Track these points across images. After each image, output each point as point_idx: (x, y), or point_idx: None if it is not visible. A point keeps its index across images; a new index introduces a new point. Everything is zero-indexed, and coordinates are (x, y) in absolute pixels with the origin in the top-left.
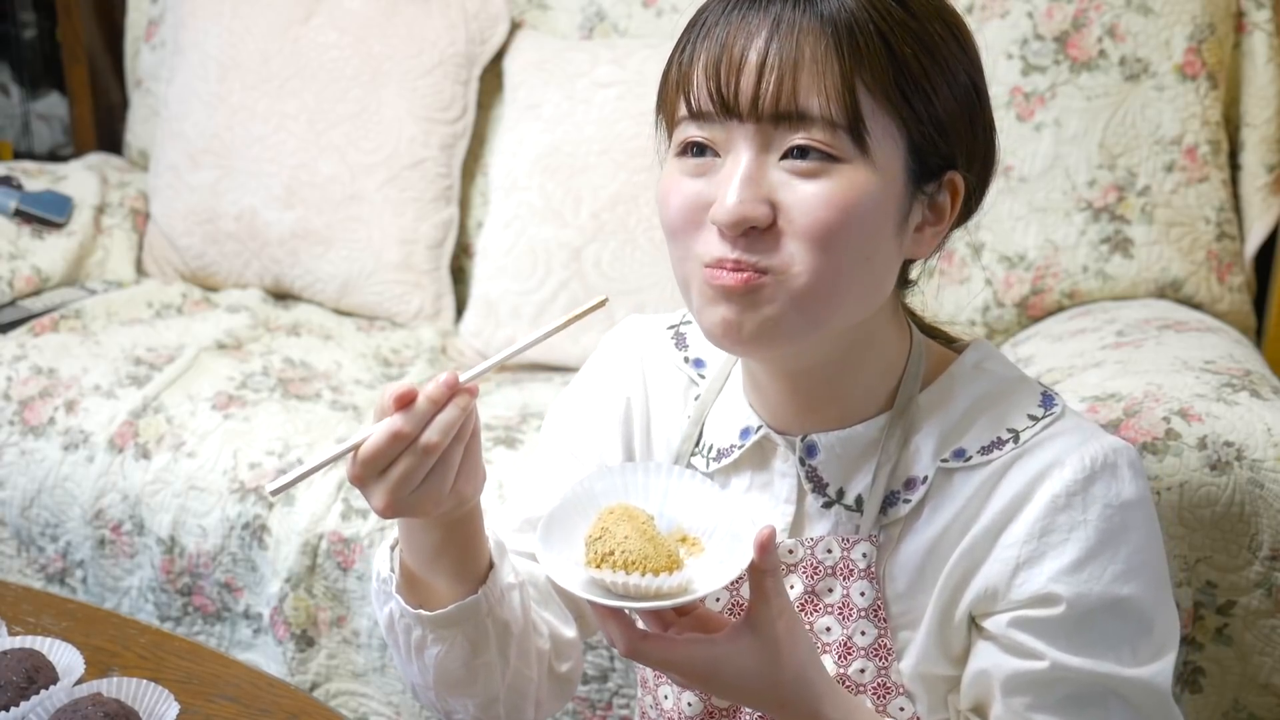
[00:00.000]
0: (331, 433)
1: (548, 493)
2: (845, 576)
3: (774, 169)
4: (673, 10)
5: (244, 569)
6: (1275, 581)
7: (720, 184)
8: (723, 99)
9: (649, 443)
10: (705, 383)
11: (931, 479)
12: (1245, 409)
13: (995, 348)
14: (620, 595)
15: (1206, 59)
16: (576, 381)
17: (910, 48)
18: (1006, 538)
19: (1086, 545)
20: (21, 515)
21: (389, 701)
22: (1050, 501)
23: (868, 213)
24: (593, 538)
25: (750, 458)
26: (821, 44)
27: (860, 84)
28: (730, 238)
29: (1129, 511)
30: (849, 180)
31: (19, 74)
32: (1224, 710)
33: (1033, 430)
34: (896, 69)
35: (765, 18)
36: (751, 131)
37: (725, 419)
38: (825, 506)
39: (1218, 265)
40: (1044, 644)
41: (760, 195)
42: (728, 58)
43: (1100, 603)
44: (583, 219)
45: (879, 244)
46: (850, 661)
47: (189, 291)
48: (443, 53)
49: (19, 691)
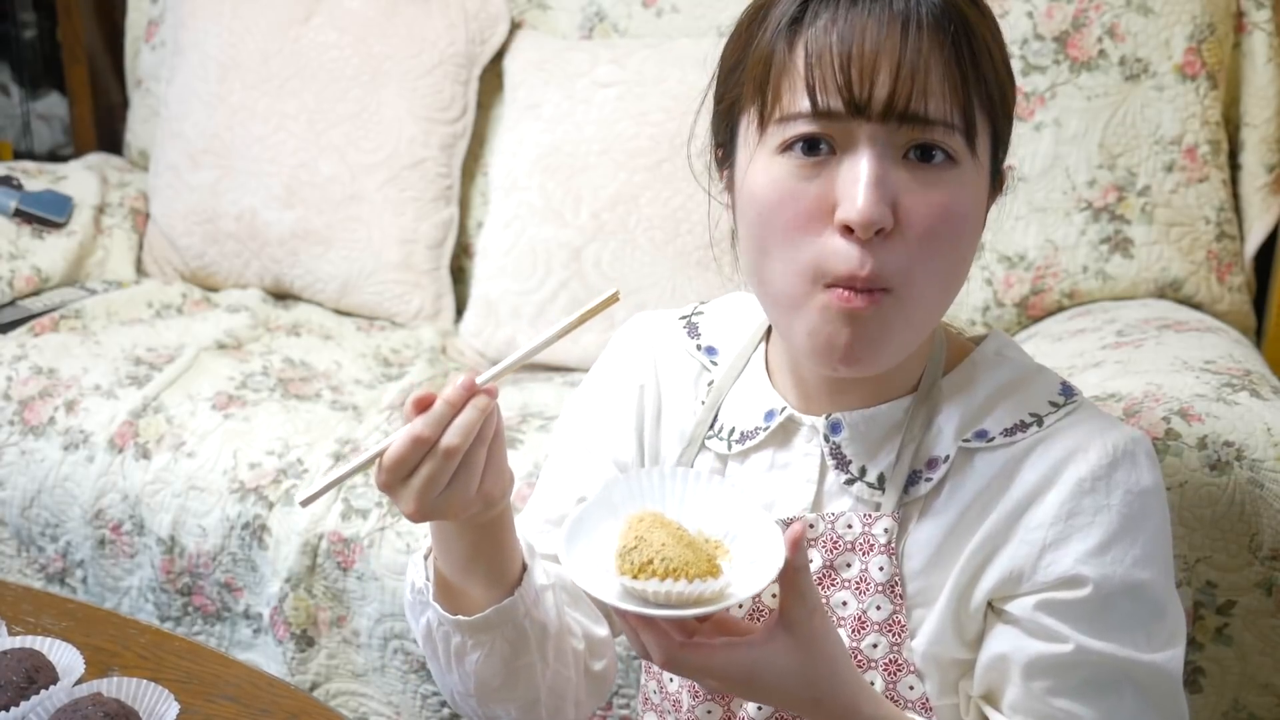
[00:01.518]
0: (331, 433)
1: (567, 491)
2: (865, 551)
3: (896, 169)
4: (673, 10)
5: (244, 569)
6: (1275, 581)
7: (845, 184)
8: (854, 98)
9: (659, 430)
10: (719, 369)
11: (953, 458)
12: (1245, 409)
13: (1010, 338)
14: (661, 604)
15: (1206, 59)
16: (589, 377)
17: (994, 41)
18: (1030, 520)
19: (1110, 529)
20: (21, 515)
21: (389, 701)
22: (1076, 485)
23: (974, 216)
24: (627, 547)
25: (772, 439)
26: (943, 45)
27: (974, 85)
28: (860, 242)
29: (1147, 498)
30: (964, 184)
31: (19, 74)
32: (1224, 710)
33: (1055, 416)
34: (990, 65)
35: (892, 13)
36: (875, 130)
37: (746, 402)
38: (847, 484)
39: (1218, 265)
40: (1069, 627)
41: (887, 197)
42: (859, 54)
43: (1122, 586)
44: (583, 219)
45: (976, 240)
46: (864, 636)
47: (189, 291)
48: (443, 53)
49: (19, 691)
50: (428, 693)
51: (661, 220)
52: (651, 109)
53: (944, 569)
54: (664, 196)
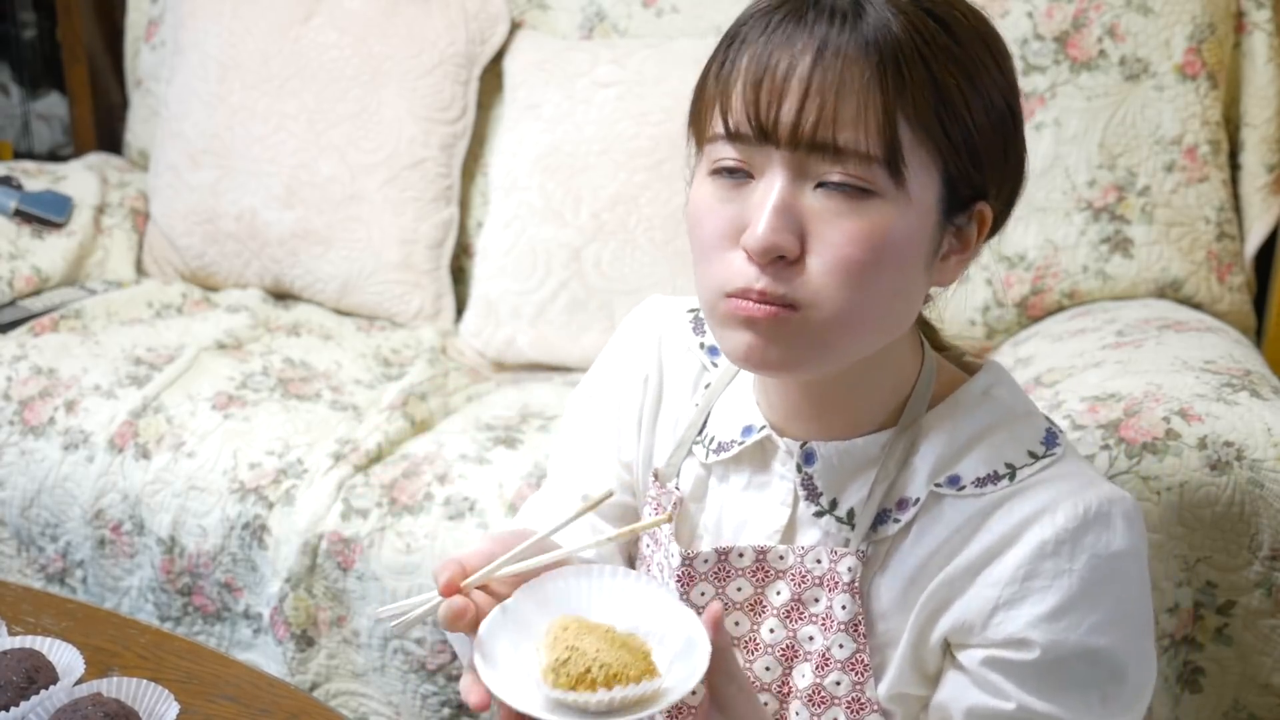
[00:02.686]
0: (331, 433)
1: (572, 484)
2: (830, 588)
3: (808, 196)
4: (673, 10)
5: (244, 569)
6: (1275, 581)
7: (753, 209)
8: (760, 124)
9: (655, 427)
10: (717, 371)
11: (923, 501)
12: (1245, 409)
13: (1007, 372)
14: (604, 713)
15: (1206, 59)
16: (597, 365)
17: (953, 75)
18: (988, 576)
19: (1068, 594)
20: (21, 515)
21: (389, 701)
22: (1038, 547)
23: (900, 249)
24: (559, 660)
25: (751, 456)
26: (865, 72)
27: (901, 116)
28: (759, 265)
29: (1117, 562)
30: (882, 215)
31: (19, 74)
32: (1224, 710)
33: (1030, 470)
34: (939, 99)
35: (810, 39)
36: (787, 158)
37: (731, 413)
38: (816, 515)
39: (1218, 265)
40: (1014, 686)
41: (792, 225)
42: (769, 80)
43: (1074, 651)
44: (583, 219)
45: (909, 278)
46: (827, 673)
47: (189, 291)
48: (443, 53)
49: (19, 691)
50: (428, 693)
51: (661, 220)
52: (651, 109)
53: (906, 612)
54: (664, 196)
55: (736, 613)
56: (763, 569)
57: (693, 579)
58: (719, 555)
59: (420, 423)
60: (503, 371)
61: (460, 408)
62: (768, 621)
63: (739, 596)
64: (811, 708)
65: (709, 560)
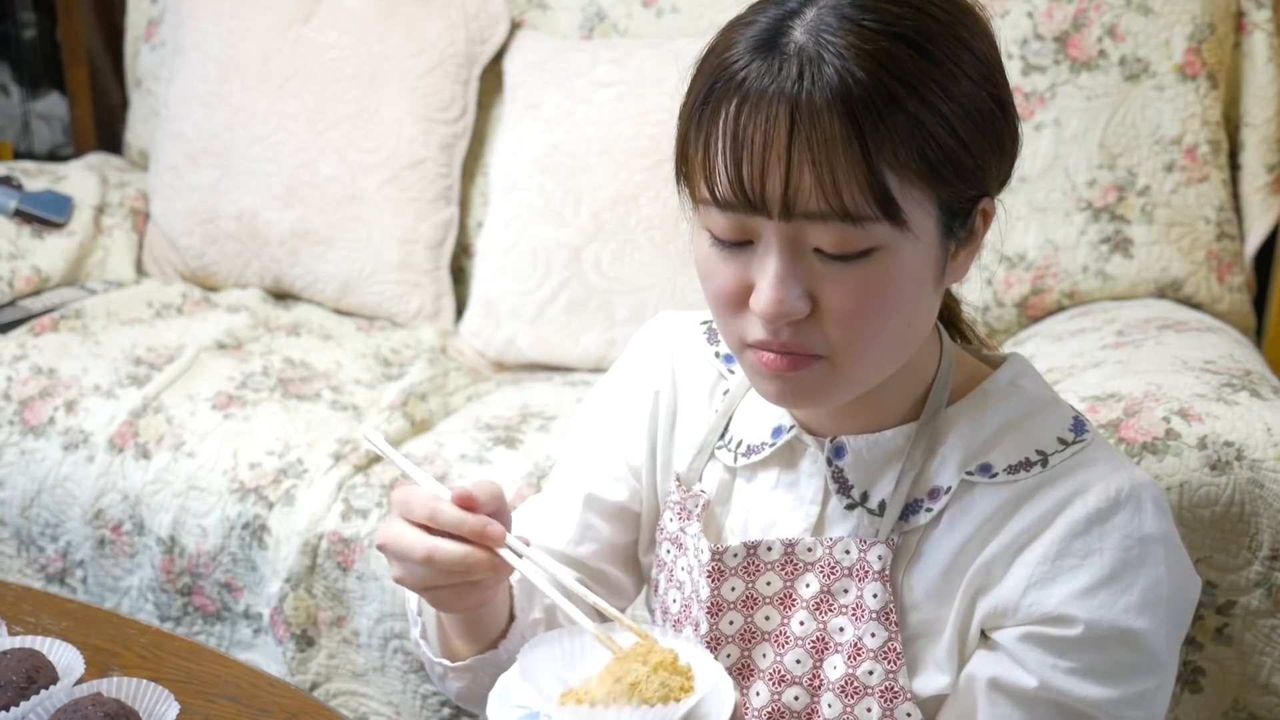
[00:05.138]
0: (331, 433)
1: (575, 491)
2: (860, 578)
3: (809, 259)
4: (673, 10)
5: (244, 569)
6: (1275, 581)
7: (758, 273)
8: (748, 198)
9: (672, 438)
10: (735, 378)
11: (955, 490)
12: (1245, 409)
13: (1030, 364)
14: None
15: (1206, 59)
16: (608, 377)
17: (930, 99)
18: (1024, 558)
19: (1100, 572)
20: (21, 515)
21: (389, 701)
22: (1070, 527)
23: (909, 285)
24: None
25: (779, 457)
26: (842, 130)
27: (885, 167)
28: (773, 328)
29: (1148, 545)
30: (886, 263)
31: (19, 74)
32: (1224, 710)
33: (1062, 456)
34: (921, 137)
35: (782, 102)
36: (781, 228)
37: (757, 416)
38: (849, 509)
39: (1218, 265)
40: (1053, 658)
41: (797, 291)
42: (749, 154)
43: (1111, 631)
44: (583, 219)
45: (921, 304)
46: (859, 663)
47: (189, 291)
48: (443, 53)
49: (19, 691)
50: (427, 693)
51: (661, 220)
52: (651, 109)
53: (946, 603)
54: (664, 196)
55: (766, 606)
56: (791, 562)
57: (722, 574)
58: (748, 549)
59: (420, 423)
60: (503, 371)
61: (460, 408)
62: (798, 614)
63: (768, 590)
64: (844, 699)
65: (738, 555)
